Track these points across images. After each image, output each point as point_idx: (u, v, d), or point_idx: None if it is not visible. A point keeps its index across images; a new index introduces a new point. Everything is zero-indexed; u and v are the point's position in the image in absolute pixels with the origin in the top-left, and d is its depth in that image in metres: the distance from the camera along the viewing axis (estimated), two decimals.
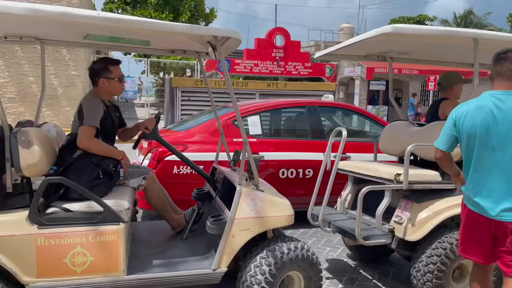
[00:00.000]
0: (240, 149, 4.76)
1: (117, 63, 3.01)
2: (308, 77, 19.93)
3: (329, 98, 8.93)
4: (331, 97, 9.16)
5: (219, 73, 19.65)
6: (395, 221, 3.21)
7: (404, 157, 3.17)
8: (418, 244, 3.15)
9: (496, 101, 2.28)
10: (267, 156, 4.33)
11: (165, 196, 3.36)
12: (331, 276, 3.80)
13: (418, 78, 20.90)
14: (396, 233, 3.19)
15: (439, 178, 3.24)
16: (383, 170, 3.34)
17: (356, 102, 20.99)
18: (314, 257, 2.87)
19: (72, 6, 13.98)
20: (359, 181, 3.75)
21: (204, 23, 23.15)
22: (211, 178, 3.62)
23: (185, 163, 3.65)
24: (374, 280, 3.74)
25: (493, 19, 32.66)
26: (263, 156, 3.88)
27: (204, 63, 19.40)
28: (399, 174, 3.15)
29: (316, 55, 4.17)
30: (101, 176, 2.75)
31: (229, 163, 3.53)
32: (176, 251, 2.95)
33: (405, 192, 3.24)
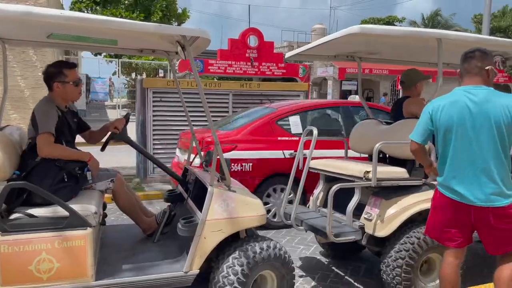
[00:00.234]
0: (285, 148, 4.80)
1: (72, 66, 2.92)
2: (282, 77, 20.07)
3: (356, 98, 9.21)
4: (357, 98, 9.34)
5: (192, 73, 19.47)
6: (365, 218, 3.27)
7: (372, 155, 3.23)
8: (387, 239, 3.21)
9: (469, 95, 2.45)
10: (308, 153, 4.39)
11: (135, 198, 3.30)
12: (304, 274, 3.83)
13: (388, 78, 21.40)
14: (366, 229, 3.24)
15: (406, 175, 3.32)
16: (352, 168, 3.39)
17: None
18: (287, 255, 2.89)
19: (39, 5, 13.57)
20: (331, 179, 3.79)
21: (176, 23, 22.92)
22: (183, 180, 3.59)
23: (235, 161, 3.64)
24: (346, 277, 3.79)
25: (459, 20, 34.04)
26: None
27: (177, 63, 19.24)
28: (368, 172, 3.20)
29: (287, 55, 4.21)
30: (66, 180, 2.68)
31: (201, 164, 3.50)
32: (147, 255, 2.90)
33: (374, 189, 3.30)
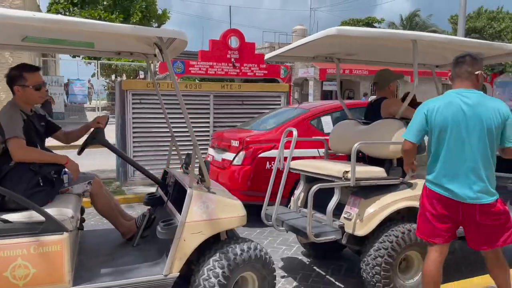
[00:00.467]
0: (319, 147, 4.79)
1: (34, 70, 2.85)
2: (263, 78, 20.10)
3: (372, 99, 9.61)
4: (374, 98, 9.74)
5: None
6: (344, 217, 3.31)
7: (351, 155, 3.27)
8: (367, 238, 3.25)
9: (463, 98, 2.57)
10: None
11: (113, 202, 3.26)
12: (286, 274, 3.85)
13: (368, 78, 21.68)
14: (346, 228, 3.28)
15: (384, 174, 3.37)
16: (332, 168, 3.43)
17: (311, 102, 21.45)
18: (267, 256, 2.89)
19: (15, 7, 13.27)
20: (311, 179, 3.82)
21: (156, 24, 22.67)
22: (163, 182, 3.56)
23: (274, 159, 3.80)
24: (327, 276, 3.83)
25: (437, 20, 34.83)
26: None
27: (158, 64, 19.07)
28: (346, 172, 3.24)
29: (266, 56, 4.22)
30: (41, 184, 2.62)
31: (181, 166, 3.48)
32: (126, 259, 2.87)
33: (353, 188, 3.34)
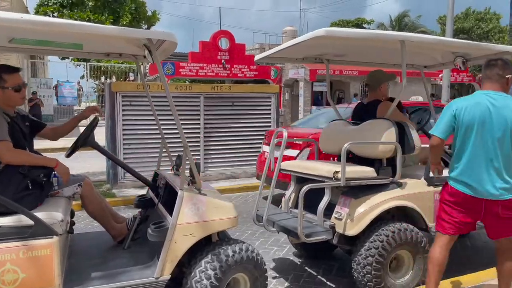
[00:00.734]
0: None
1: (13, 71, 2.80)
2: (254, 79, 20.12)
3: (418, 99, 10.40)
4: (421, 98, 10.51)
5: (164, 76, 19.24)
6: (335, 217, 3.32)
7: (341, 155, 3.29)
8: (358, 238, 3.27)
9: (491, 100, 2.68)
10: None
11: (104, 204, 3.24)
12: (277, 275, 3.86)
13: (358, 79, 21.78)
14: (336, 228, 3.29)
15: (374, 174, 3.40)
16: (322, 168, 3.44)
17: (301, 103, 21.49)
18: (259, 257, 2.89)
19: (2, 8, 13.10)
20: (302, 180, 3.83)
21: (146, 26, 22.57)
22: (153, 184, 3.54)
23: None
24: (318, 276, 3.84)
25: (426, 21, 35.07)
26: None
27: (148, 66, 18.97)
28: (337, 172, 3.26)
29: (256, 57, 4.22)
30: (30, 187, 2.59)
31: (172, 168, 3.47)
32: (117, 262, 2.85)
33: (343, 189, 3.36)
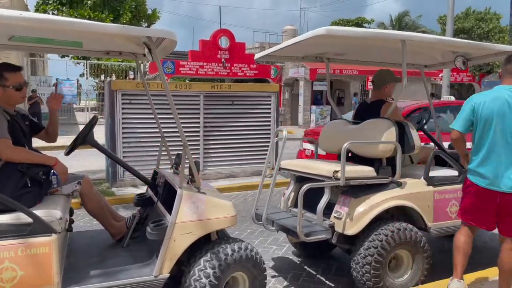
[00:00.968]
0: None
1: (15, 69, 2.80)
2: (254, 78, 20.11)
3: (451, 98, 10.89)
4: (453, 98, 11.05)
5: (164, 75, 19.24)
6: (334, 217, 3.32)
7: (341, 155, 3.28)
8: (357, 237, 3.27)
9: (510, 94, 2.72)
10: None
11: (104, 202, 3.23)
12: (276, 274, 3.86)
13: (358, 78, 21.79)
14: (336, 228, 3.29)
15: (374, 174, 3.39)
16: (322, 168, 3.44)
17: (301, 102, 21.50)
18: (258, 256, 2.89)
19: (2, 6, 13.09)
20: (301, 179, 3.83)
21: (146, 24, 22.53)
22: (153, 183, 3.54)
23: None
24: (317, 275, 3.84)
25: (426, 21, 35.12)
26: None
27: (148, 64, 18.96)
28: (336, 171, 3.25)
29: (256, 56, 4.21)
30: (29, 185, 2.59)
31: (171, 166, 3.47)
32: (116, 260, 2.84)
33: (343, 188, 3.36)
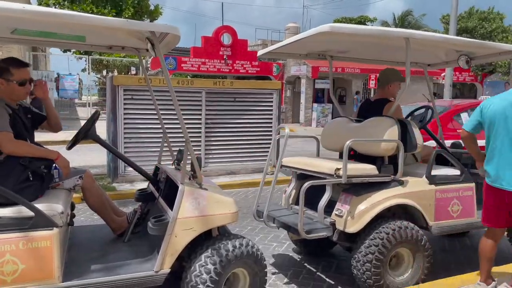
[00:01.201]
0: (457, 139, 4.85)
1: (22, 65, 2.79)
2: (256, 75, 20.08)
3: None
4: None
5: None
6: (336, 214, 3.32)
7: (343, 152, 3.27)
8: (358, 235, 3.26)
9: None
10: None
11: (105, 196, 3.24)
12: (277, 271, 3.86)
13: (360, 76, 21.74)
14: (337, 225, 3.29)
15: (376, 172, 3.38)
16: (323, 165, 3.43)
17: (303, 100, 21.47)
18: (259, 253, 2.89)
19: None
20: (303, 176, 3.83)
21: (148, 20, 22.53)
22: (154, 178, 3.54)
23: None
24: (318, 273, 3.84)
25: (429, 20, 35.06)
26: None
27: (150, 60, 18.92)
28: (338, 169, 3.24)
29: (259, 53, 4.20)
30: (31, 179, 2.59)
31: (173, 162, 3.47)
32: (117, 255, 2.85)
33: (345, 186, 3.35)
